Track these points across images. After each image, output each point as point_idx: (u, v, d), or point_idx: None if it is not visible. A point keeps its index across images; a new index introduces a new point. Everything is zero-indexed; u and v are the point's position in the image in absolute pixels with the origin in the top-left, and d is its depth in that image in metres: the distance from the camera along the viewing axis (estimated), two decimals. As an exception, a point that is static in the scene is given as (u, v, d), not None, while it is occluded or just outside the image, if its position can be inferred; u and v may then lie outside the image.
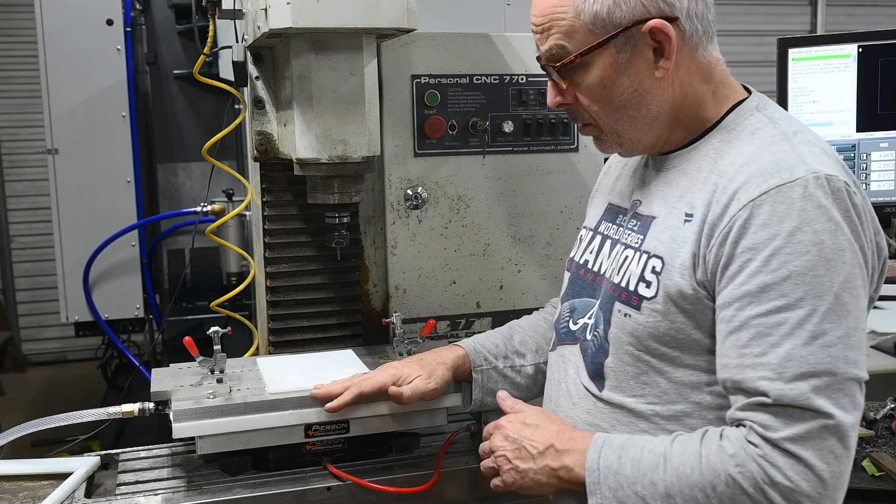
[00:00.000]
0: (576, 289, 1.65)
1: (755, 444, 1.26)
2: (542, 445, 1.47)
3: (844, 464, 1.26)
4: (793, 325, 1.26)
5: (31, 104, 6.60)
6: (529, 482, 1.48)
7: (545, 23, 1.44)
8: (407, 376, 1.74)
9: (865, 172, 2.44)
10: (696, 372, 1.40)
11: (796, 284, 1.26)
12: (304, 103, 1.85)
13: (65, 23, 3.78)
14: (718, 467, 1.28)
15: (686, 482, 1.30)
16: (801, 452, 1.24)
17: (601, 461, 1.38)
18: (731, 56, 5.06)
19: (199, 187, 4.19)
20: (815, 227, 1.27)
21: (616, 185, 1.67)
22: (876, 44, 2.44)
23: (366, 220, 2.21)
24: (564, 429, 1.50)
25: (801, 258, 1.26)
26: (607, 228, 1.62)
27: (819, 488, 1.24)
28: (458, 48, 2.17)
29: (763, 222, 1.29)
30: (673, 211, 1.44)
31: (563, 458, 1.44)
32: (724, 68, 1.49)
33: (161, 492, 1.71)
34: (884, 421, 2.44)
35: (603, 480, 1.37)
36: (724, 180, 1.37)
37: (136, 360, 4.12)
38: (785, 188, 1.29)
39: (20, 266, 7.22)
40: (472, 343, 1.83)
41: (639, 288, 1.44)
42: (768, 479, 1.24)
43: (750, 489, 1.25)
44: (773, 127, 1.41)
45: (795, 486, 1.23)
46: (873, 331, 3.96)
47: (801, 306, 1.26)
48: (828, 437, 1.24)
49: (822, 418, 1.24)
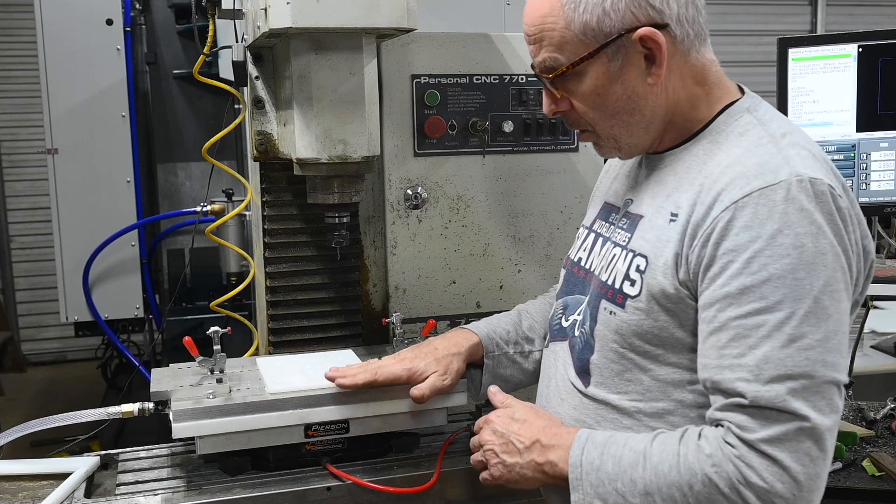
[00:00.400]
0: (569, 286, 1.67)
1: (732, 444, 1.27)
2: (528, 440, 1.50)
3: (820, 466, 1.27)
4: (771, 328, 1.27)
5: (31, 104, 6.60)
6: (516, 476, 1.51)
7: (536, 33, 1.46)
8: (423, 372, 1.74)
9: (865, 172, 2.43)
10: (679, 370, 1.42)
11: (776, 287, 1.27)
12: (304, 103, 1.85)
13: (65, 23, 3.77)
14: (696, 466, 1.29)
15: (664, 480, 1.31)
16: (777, 454, 1.24)
17: (584, 457, 1.40)
18: (731, 56, 5.12)
19: (199, 187, 4.19)
20: (796, 230, 1.27)
21: (613, 185, 1.68)
22: (876, 44, 2.43)
23: (366, 220, 2.21)
24: (551, 424, 1.52)
25: (782, 261, 1.27)
26: (600, 227, 1.64)
27: (794, 490, 1.24)
28: (458, 48, 2.17)
29: (745, 224, 1.30)
30: (660, 210, 1.46)
31: (547, 453, 1.46)
32: (718, 69, 1.49)
33: (161, 492, 1.71)
34: (884, 421, 2.44)
35: (585, 476, 1.39)
36: (710, 181, 1.37)
37: (136, 360, 4.11)
38: (767, 191, 1.30)
39: (20, 266, 7.22)
40: (486, 329, 1.84)
41: (624, 286, 1.46)
42: (743, 480, 1.25)
43: (725, 489, 1.26)
44: (761, 128, 1.41)
45: (770, 488, 1.24)
46: (873, 331, 3.96)
47: (780, 309, 1.27)
48: (804, 440, 1.25)
49: (798, 420, 1.25)
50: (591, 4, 1.38)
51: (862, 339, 2.92)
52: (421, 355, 1.77)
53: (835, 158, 2.46)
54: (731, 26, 8.25)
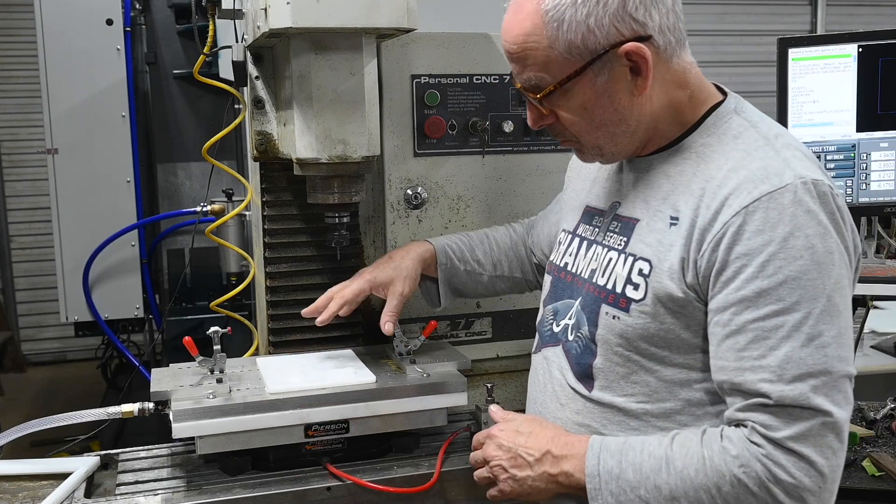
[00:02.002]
0: (557, 291, 1.67)
1: (758, 443, 1.29)
2: (538, 452, 1.49)
3: (840, 457, 1.31)
4: (790, 328, 1.29)
5: (31, 104, 6.60)
6: (528, 489, 1.50)
7: (519, 52, 1.44)
8: (383, 282, 1.88)
9: (865, 172, 2.43)
10: (685, 370, 1.43)
11: (792, 289, 1.29)
12: (304, 103, 1.85)
13: (65, 23, 3.77)
14: (723, 468, 1.30)
15: (691, 484, 1.32)
16: (803, 450, 1.27)
17: (601, 467, 1.40)
18: (731, 56, 5.12)
19: (199, 187, 4.19)
20: (806, 231, 1.30)
21: (593, 189, 1.69)
22: (876, 44, 2.43)
23: (366, 220, 2.21)
24: (559, 434, 1.51)
25: (795, 263, 1.29)
26: (585, 231, 1.65)
27: (820, 482, 1.28)
28: (458, 48, 2.17)
29: (757, 229, 1.31)
30: (657, 214, 1.46)
31: (561, 464, 1.46)
32: (697, 71, 1.51)
33: (161, 492, 1.71)
34: (884, 421, 2.44)
35: (604, 486, 1.39)
36: (713, 185, 1.38)
37: (136, 360, 4.11)
38: (776, 195, 1.32)
39: (20, 266, 7.22)
40: (442, 242, 1.98)
41: (626, 290, 1.46)
42: (772, 477, 1.27)
43: (755, 488, 1.28)
44: (754, 131, 1.43)
45: (799, 483, 1.27)
46: (873, 331, 3.96)
47: (798, 310, 1.29)
48: (827, 434, 1.28)
49: (822, 416, 1.28)
50: (575, 23, 1.37)
51: (862, 339, 2.92)
52: (380, 266, 1.91)
53: (835, 158, 2.46)
54: (731, 26, 8.25)
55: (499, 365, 2.26)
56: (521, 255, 2.03)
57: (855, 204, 2.43)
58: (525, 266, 2.03)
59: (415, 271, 1.91)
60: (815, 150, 2.47)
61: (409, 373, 1.88)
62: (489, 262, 1.99)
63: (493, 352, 2.28)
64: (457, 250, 1.97)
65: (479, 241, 2.02)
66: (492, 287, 2.03)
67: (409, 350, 1.94)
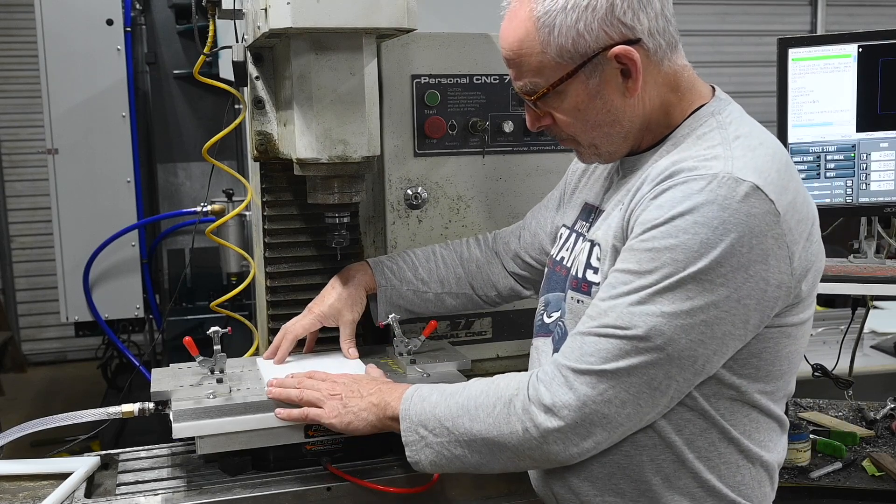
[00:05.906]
0: (551, 284, 1.72)
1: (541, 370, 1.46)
2: (373, 389, 1.65)
3: (578, 416, 1.40)
4: (632, 288, 1.35)
5: (31, 104, 6.61)
6: (350, 417, 1.62)
7: (514, 58, 1.50)
8: (332, 314, 1.96)
9: (865, 172, 2.43)
10: None
11: (653, 257, 1.34)
12: (304, 103, 1.85)
13: (65, 23, 3.77)
14: (501, 383, 1.49)
15: (475, 392, 1.49)
16: (556, 383, 1.41)
17: (416, 393, 1.56)
18: (731, 56, 5.12)
19: (199, 187, 4.19)
20: (696, 217, 1.32)
21: (593, 186, 1.74)
22: (876, 44, 2.43)
23: (366, 220, 2.21)
24: (397, 385, 1.65)
25: (668, 239, 1.33)
26: (581, 227, 1.70)
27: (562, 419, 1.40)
28: (458, 48, 2.17)
29: (659, 204, 1.36)
30: (619, 204, 1.52)
31: (385, 395, 1.61)
32: (690, 74, 1.53)
33: (161, 492, 1.71)
34: (884, 421, 2.44)
35: (412, 406, 1.54)
36: (654, 172, 1.43)
37: (136, 360, 4.11)
38: (693, 179, 1.35)
39: (20, 266, 7.23)
40: (381, 262, 2.02)
41: (587, 274, 1.53)
42: (530, 395, 1.43)
43: (514, 392, 1.46)
44: (719, 132, 1.45)
45: (543, 400, 1.41)
46: (873, 331, 3.96)
47: (648, 277, 1.34)
48: (586, 388, 1.38)
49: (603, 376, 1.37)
50: (566, 27, 1.42)
51: (862, 339, 2.92)
52: (325, 298, 1.98)
53: (835, 158, 2.46)
54: (731, 26, 8.24)
55: (499, 365, 2.26)
56: (475, 271, 2.03)
57: (855, 204, 2.43)
58: (480, 280, 2.03)
59: (359, 296, 1.97)
60: (814, 150, 2.47)
61: (410, 373, 1.89)
62: (434, 279, 2.01)
63: (493, 352, 2.29)
64: (397, 270, 2.00)
65: (424, 259, 2.03)
66: (441, 304, 2.04)
67: (410, 350, 1.94)
